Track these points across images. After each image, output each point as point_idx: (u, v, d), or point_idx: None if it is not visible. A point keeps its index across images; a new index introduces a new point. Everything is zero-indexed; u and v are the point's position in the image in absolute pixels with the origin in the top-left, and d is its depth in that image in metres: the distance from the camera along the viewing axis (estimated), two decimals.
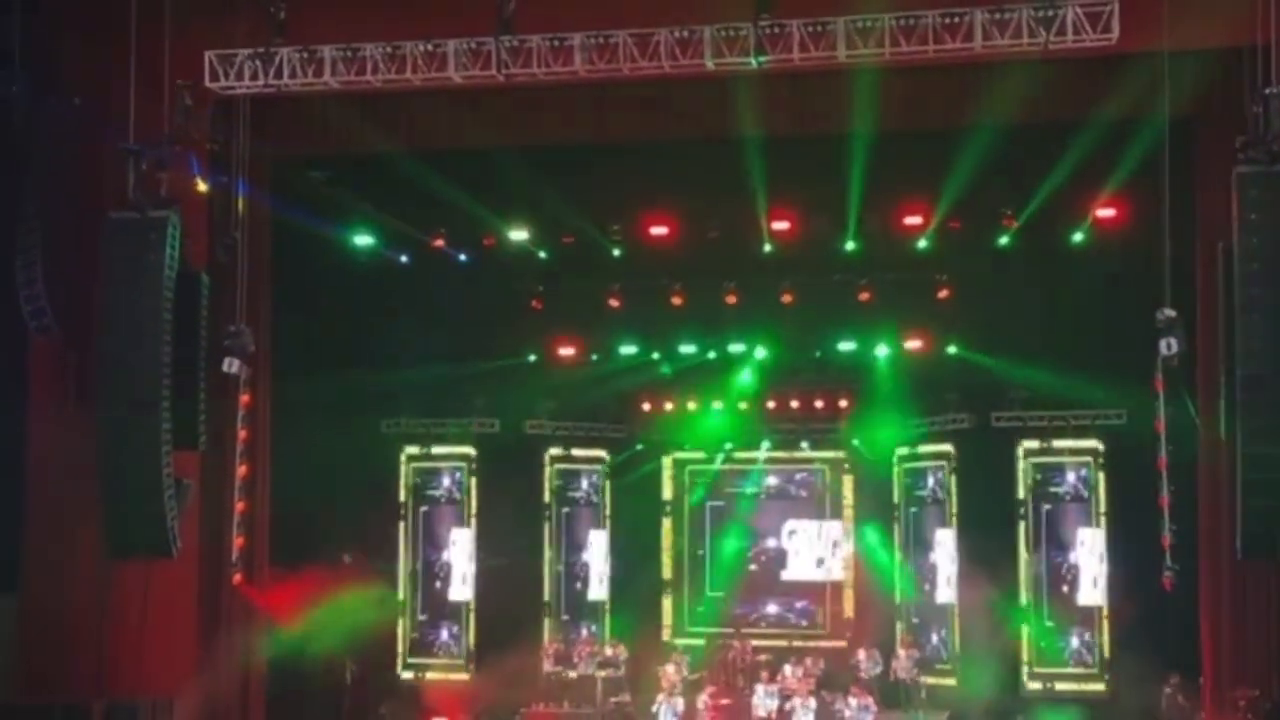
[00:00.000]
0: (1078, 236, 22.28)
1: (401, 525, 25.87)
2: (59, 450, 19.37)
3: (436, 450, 26.07)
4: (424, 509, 26.05)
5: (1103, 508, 23.92)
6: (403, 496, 25.98)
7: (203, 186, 18.83)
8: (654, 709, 21.53)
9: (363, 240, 23.53)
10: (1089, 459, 24.10)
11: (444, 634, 25.71)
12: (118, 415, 17.08)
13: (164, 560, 17.99)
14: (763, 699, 22.11)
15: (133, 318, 16.89)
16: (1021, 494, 24.32)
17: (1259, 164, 15.01)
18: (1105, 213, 21.67)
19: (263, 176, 20.63)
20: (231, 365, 19.03)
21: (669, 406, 27.00)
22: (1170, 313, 17.25)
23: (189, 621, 20.36)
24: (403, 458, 26.02)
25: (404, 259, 24.21)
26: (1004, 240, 22.67)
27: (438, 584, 25.83)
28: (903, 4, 16.65)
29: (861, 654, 23.82)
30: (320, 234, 22.40)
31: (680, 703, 21.31)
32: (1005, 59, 17.38)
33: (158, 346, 16.85)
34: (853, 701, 21.52)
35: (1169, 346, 17.24)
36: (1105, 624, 23.70)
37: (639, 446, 27.25)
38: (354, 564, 23.62)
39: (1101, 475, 23.97)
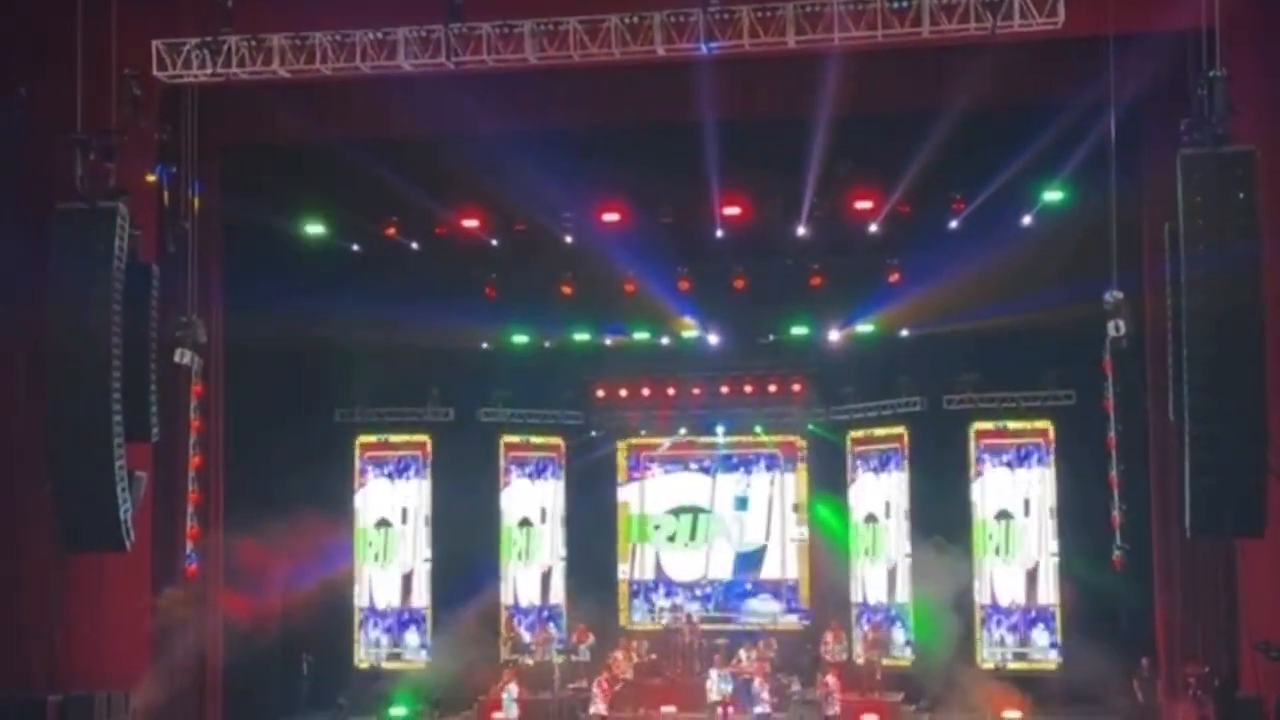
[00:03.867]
0: (1026, 220, 22.45)
1: (356, 514, 25.80)
2: (9, 442, 19.25)
3: (390, 439, 26.04)
4: (378, 498, 26.00)
5: (1054, 487, 24.14)
6: (357, 485, 25.93)
7: (151, 177, 18.70)
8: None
9: (314, 229, 23.45)
10: (1040, 439, 24.32)
11: (401, 624, 25.70)
12: (68, 408, 16.93)
13: (118, 553, 17.87)
14: (716, 682, 22.21)
15: (82, 309, 16.73)
16: (973, 474, 24.52)
17: (1203, 146, 15.10)
18: (1053, 196, 21.84)
19: (212, 166, 20.55)
20: (183, 356, 18.98)
21: (623, 393, 27.05)
22: (1118, 294, 17.43)
23: (144, 614, 20.29)
24: (356, 446, 25.98)
25: (356, 248, 24.14)
26: (954, 224, 22.82)
27: (395, 574, 25.82)
28: None
29: (829, 636, 23.97)
30: (271, 223, 22.31)
31: (514, 689, 21.94)
32: (954, 44, 17.51)
33: (108, 338, 16.70)
34: (830, 680, 21.71)
35: (1117, 328, 17.43)
36: (1058, 603, 23.92)
37: (594, 432, 27.29)
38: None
39: (1052, 455, 24.20)
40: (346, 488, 25.82)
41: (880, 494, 25.49)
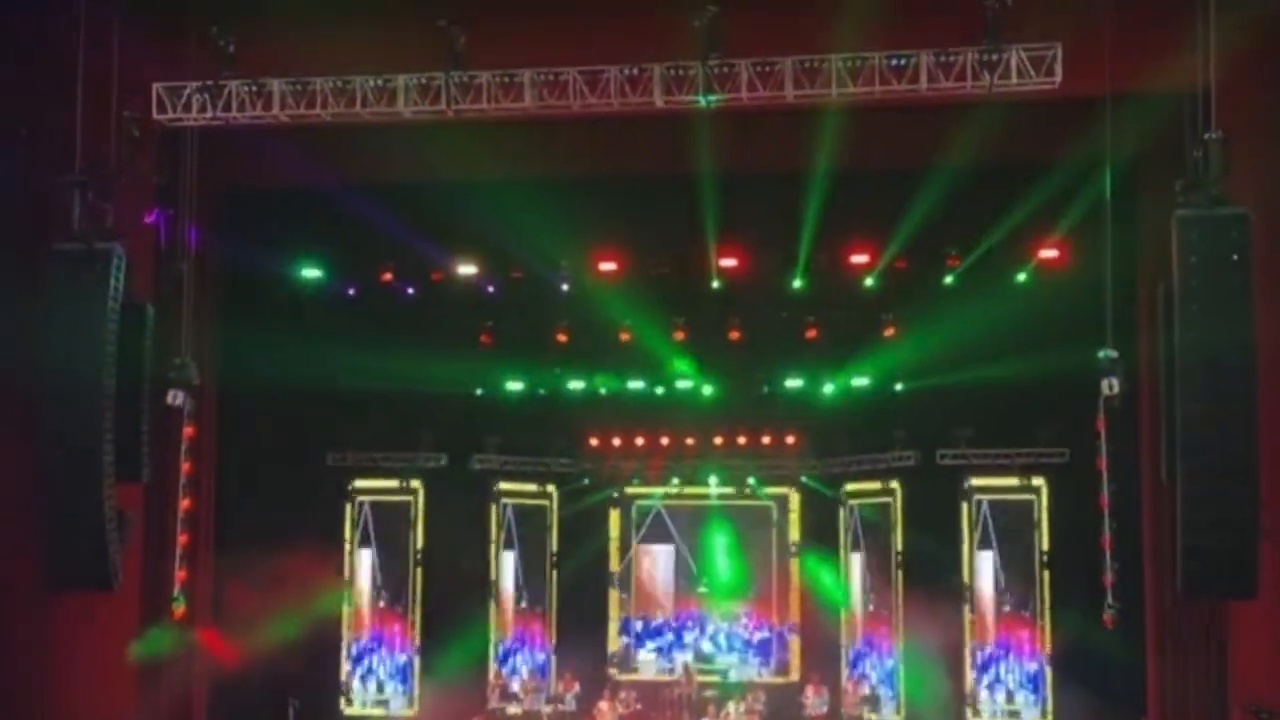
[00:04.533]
0: (1021, 277, 22.52)
1: (346, 559, 25.71)
2: None
3: (383, 484, 25.97)
4: (370, 543, 25.92)
5: (1046, 546, 24.08)
6: (348, 531, 25.85)
7: (149, 219, 18.74)
8: None
9: (310, 273, 23.48)
10: (1033, 497, 24.29)
11: (389, 670, 25.56)
12: (59, 447, 16.90)
13: (104, 593, 17.79)
14: None
15: (76, 350, 16.73)
16: (966, 531, 24.48)
17: (1199, 207, 15.18)
18: (1049, 254, 21.91)
19: (209, 209, 20.59)
20: (176, 398, 18.94)
21: (616, 441, 27.01)
22: (1112, 353, 17.44)
23: (129, 655, 20.17)
24: (349, 491, 25.91)
25: (351, 292, 24.17)
26: (949, 280, 22.89)
27: (382, 619, 25.71)
28: (850, 45, 16.82)
29: (809, 690, 23.86)
30: (267, 267, 22.34)
31: None
32: (951, 101, 17.58)
33: (100, 378, 16.69)
34: None
35: (1110, 386, 17.42)
36: (1048, 662, 23.83)
37: (586, 481, 27.24)
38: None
39: (1045, 514, 24.16)
40: (338, 532, 25.72)
41: (872, 548, 25.42)
